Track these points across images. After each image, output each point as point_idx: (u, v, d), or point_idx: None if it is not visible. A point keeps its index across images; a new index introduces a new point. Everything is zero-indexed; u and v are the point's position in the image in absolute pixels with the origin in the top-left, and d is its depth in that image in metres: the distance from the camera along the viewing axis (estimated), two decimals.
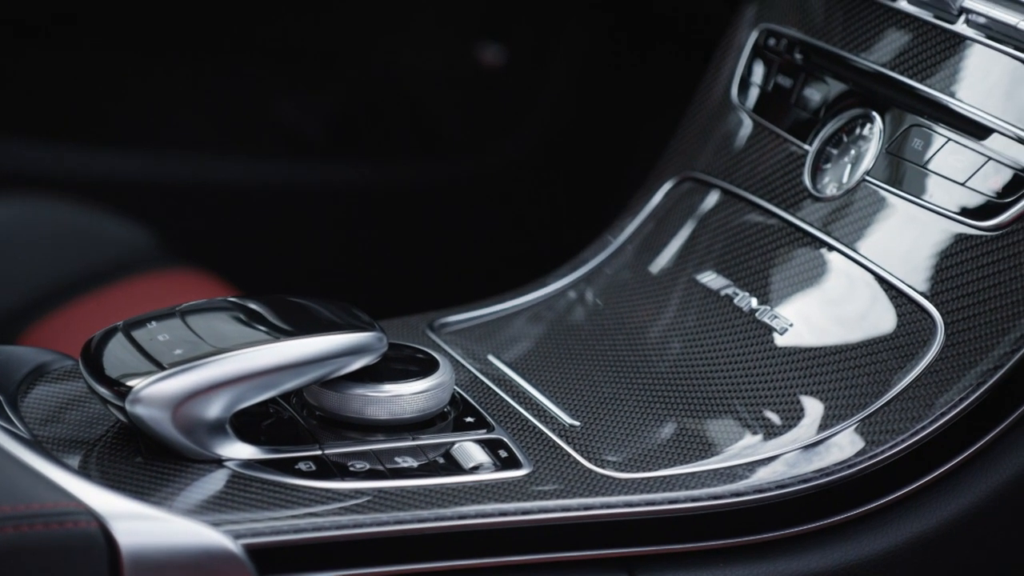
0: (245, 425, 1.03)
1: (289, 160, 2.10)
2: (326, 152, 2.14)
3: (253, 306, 1.07)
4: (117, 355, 1.02)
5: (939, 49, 1.18)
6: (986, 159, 1.12)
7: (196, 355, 1.00)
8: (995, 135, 1.12)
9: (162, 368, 0.99)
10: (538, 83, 2.13)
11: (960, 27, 1.17)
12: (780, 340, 1.15)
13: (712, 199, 1.30)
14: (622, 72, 2.12)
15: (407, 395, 1.06)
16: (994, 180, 1.11)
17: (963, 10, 1.17)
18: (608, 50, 2.11)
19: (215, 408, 1.00)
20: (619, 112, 2.13)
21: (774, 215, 1.23)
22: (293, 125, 2.13)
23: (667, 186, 1.33)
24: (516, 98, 2.13)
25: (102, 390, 1.00)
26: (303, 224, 2.08)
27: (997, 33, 1.14)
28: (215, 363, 1.00)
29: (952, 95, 1.16)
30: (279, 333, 1.03)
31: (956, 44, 1.17)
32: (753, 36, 1.33)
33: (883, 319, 1.13)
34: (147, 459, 1.01)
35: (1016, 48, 1.13)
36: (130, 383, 0.99)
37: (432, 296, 1.42)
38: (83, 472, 0.99)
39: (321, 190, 2.09)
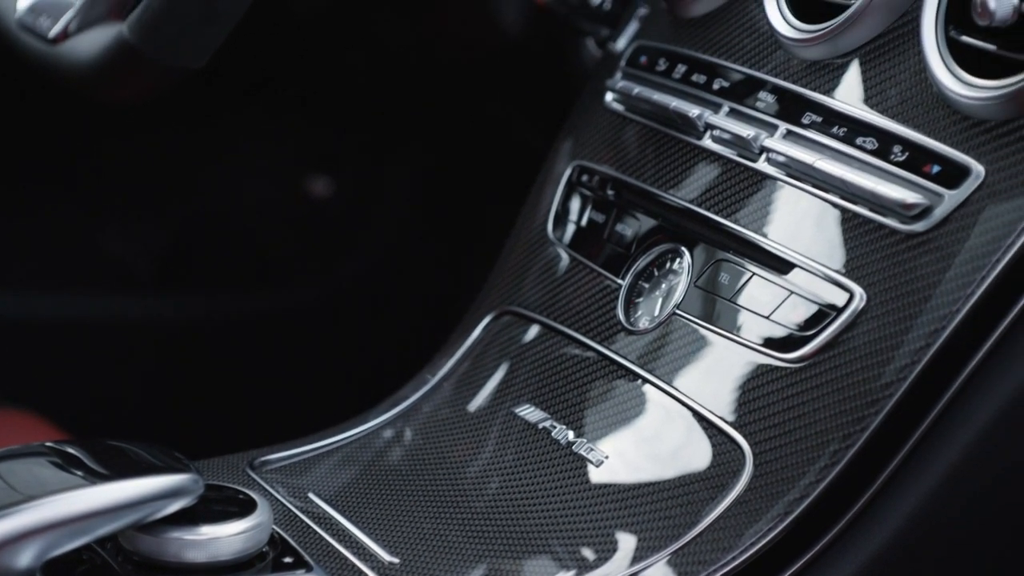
0: (57, 573, 1.02)
1: (115, 295, 2.09)
2: (153, 286, 2.13)
3: (69, 450, 1.06)
4: None
5: (743, 186, 1.22)
6: (789, 293, 1.15)
7: (4, 503, 0.99)
8: (797, 270, 1.16)
9: None
10: (367, 214, 2.15)
11: (762, 165, 1.21)
12: (595, 474, 1.17)
13: (531, 333, 1.32)
14: (449, 205, 2.14)
15: (224, 537, 1.06)
16: (796, 313, 1.14)
17: (764, 149, 1.20)
18: (436, 182, 2.14)
19: (25, 557, 0.98)
20: (447, 244, 2.15)
21: (590, 348, 1.26)
22: (120, 258, 2.12)
23: (486, 320, 1.35)
24: (345, 230, 2.15)
25: None
26: (131, 361, 2.06)
27: (796, 171, 1.18)
28: (24, 511, 0.98)
29: (756, 231, 1.19)
30: (93, 477, 1.02)
31: (758, 181, 1.21)
32: (567, 172, 1.36)
33: (695, 451, 1.15)
34: None
35: (814, 186, 1.17)
36: None
37: (257, 432, 1.42)
38: None
39: (148, 325, 2.08)
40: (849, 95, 1.18)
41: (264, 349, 2.09)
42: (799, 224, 1.18)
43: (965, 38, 1.10)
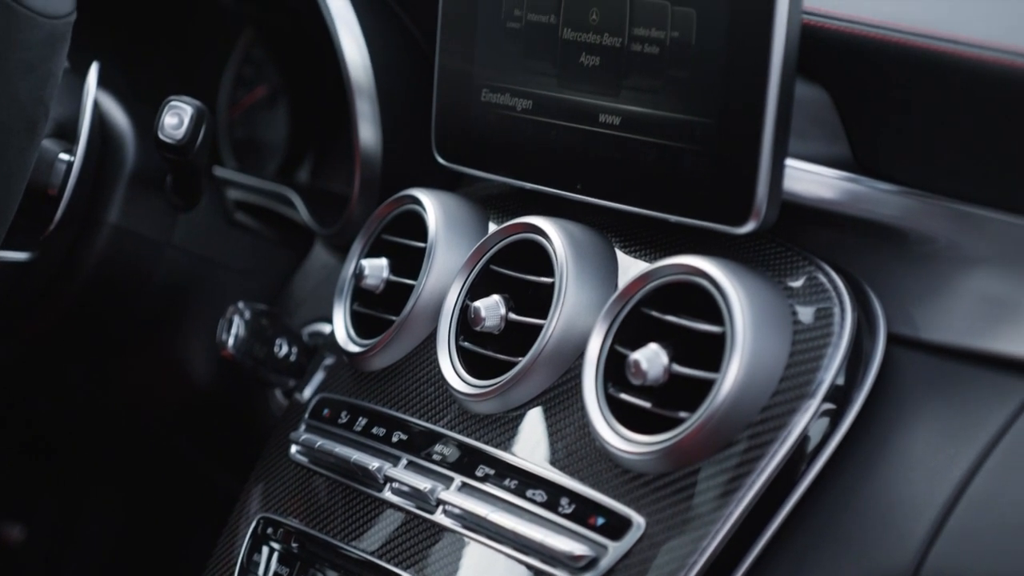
0: None
1: None
2: None
3: None
4: None
5: (421, 538, 1.24)
6: None
7: None
8: None
9: None
10: (62, 560, 2.10)
11: (439, 517, 1.23)
12: None
13: None
14: (145, 551, 2.11)
15: None
16: None
17: (440, 501, 1.23)
18: (131, 525, 2.11)
19: None
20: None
21: None
22: None
23: None
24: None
25: None
26: None
27: (471, 523, 1.21)
28: None
29: None
30: None
31: (436, 533, 1.23)
32: (252, 525, 1.37)
33: None
34: None
35: (489, 537, 1.20)
36: None
37: None
38: None
39: None
40: (520, 448, 1.22)
41: None
42: (476, 574, 1.20)
43: (623, 395, 1.16)
